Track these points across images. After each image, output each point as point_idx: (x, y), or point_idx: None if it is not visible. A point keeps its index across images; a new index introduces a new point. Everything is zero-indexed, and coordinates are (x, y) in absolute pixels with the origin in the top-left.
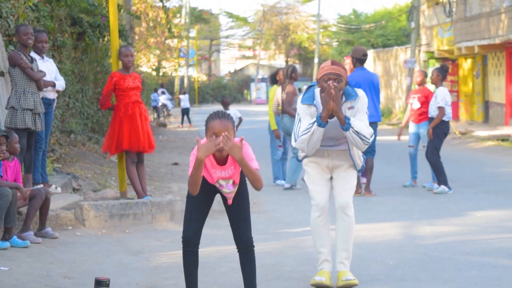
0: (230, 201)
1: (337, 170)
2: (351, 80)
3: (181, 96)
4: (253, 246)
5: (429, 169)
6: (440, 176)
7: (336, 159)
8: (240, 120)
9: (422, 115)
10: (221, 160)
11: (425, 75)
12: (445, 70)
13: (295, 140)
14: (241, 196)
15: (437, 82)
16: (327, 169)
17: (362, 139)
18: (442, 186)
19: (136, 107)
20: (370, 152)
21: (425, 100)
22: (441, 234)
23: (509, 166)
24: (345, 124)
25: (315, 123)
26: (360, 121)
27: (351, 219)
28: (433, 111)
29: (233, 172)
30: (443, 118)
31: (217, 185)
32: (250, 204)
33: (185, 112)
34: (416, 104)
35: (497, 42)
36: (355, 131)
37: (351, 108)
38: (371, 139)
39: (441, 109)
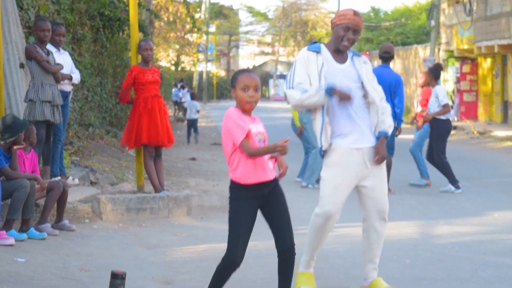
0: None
1: (373, 172)
2: None
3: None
4: (295, 253)
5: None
6: (446, 176)
7: (371, 159)
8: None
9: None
10: (249, 114)
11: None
12: (436, 68)
13: (288, 88)
14: (281, 197)
15: (431, 82)
16: (356, 173)
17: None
18: (449, 185)
19: (155, 101)
20: (388, 150)
21: (426, 103)
22: (458, 234)
23: None
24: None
25: (323, 92)
26: (388, 119)
27: (386, 224)
28: (433, 109)
29: (264, 131)
30: (445, 117)
31: (257, 141)
32: None
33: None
34: (418, 107)
35: None
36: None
37: (365, 63)
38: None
39: (446, 106)
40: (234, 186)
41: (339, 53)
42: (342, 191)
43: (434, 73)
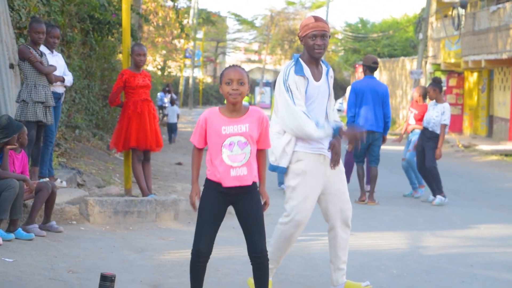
0: (235, 182)
1: (332, 178)
2: (354, 86)
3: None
4: (268, 259)
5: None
6: (436, 184)
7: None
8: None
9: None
10: (236, 113)
11: (423, 89)
12: (439, 82)
13: (295, 105)
14: (255, 203)
15: (437, 96)
16: (322, 181)
17: None
18: (439, 197)
19: (145, 105)
20: (374, 160)
21: (421, 118)
22: (445, 246)
23: None
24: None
25: (331, 133)
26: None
27: (349, 230)
28: (432, 123)
29: (247, 131)
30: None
31: (223, 150)
32: None
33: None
34: (412, 120)
35: (504, 57)
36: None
37: (331, 77)
38: None
39: (443, 127)
40: (206, 178)
41: (314, 67)
42: (311, 200)
43: (439, 87)
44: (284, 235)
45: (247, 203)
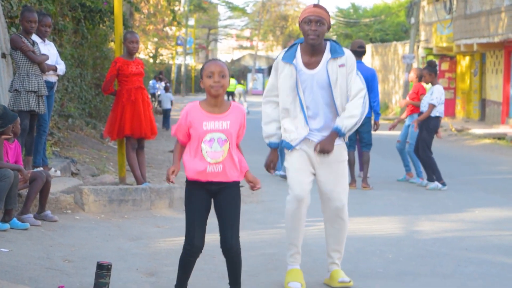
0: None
1: (324, 165)
2: None
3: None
4: (239, 253)
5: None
6: (433, 172)
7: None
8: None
9: (411, 108)
10: (218, 108)
11: (419, 71)
12: (433, 65)
13: (263, 97)
14: (233, 198)
15: (433, 80)
16: (309, 160)
17: (357, 124)
18: (436, 183)
19: (139, 93)
20: (365, 146)
21: (415, 96)
22: (439, 230)
23: (506, 165)
24: (340, 135)
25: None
26: (347, 118)
27: (345, 223)
28: (424, 107)
29: (228, 129)
30: (434, 114)
31: (203, 146)
32: (248, 194)
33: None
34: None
35: (496, 41)
36: (349, 129)
37: (342, 66)
38: (364, 109)
39: (430, 106)
40: (187, 179)
41: (312, 56)
42: (304, 174)
43: (434, 71)
44: (289, 213)
45: (225, 197)
